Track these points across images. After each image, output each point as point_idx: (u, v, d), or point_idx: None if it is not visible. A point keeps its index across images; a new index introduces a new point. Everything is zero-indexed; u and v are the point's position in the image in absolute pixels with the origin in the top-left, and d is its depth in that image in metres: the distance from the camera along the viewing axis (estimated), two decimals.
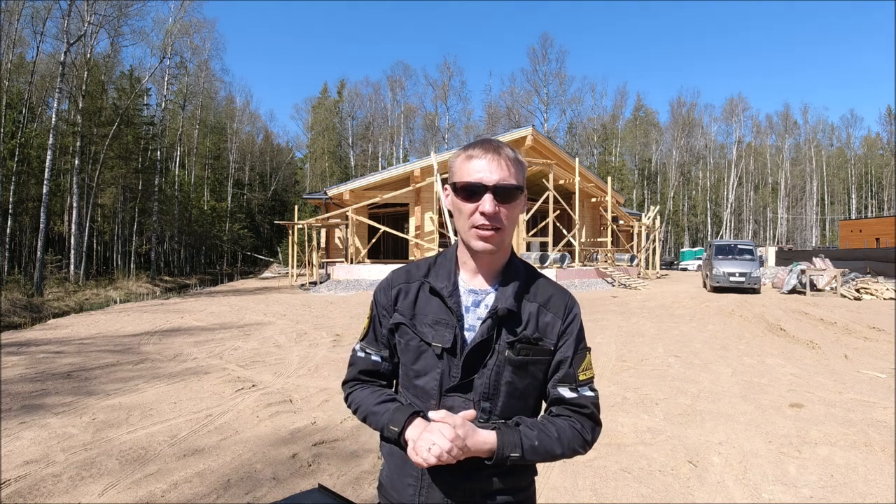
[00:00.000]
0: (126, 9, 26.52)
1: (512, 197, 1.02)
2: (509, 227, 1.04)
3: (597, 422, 1.08)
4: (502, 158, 1.02)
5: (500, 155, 1.02)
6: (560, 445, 1.02)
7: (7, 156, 23.87)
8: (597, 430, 1.08)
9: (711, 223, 61.18)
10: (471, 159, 1.03)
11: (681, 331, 9.26)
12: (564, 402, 1.06)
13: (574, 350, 1.08)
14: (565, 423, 1.04)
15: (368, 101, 63.59)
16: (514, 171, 1.03)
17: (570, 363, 1.07)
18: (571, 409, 1.06)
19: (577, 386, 1.07)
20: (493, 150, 1.03)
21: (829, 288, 17.43)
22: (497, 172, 1.01)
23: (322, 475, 3.24)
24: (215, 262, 48.65)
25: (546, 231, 21.15)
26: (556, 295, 1.11)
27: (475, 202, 1.01)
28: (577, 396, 1.06)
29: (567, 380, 1.07)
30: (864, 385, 5.48)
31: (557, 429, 1.03)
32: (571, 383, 1.06)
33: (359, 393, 1.14)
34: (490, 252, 1.04)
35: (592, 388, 1.09)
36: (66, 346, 7.98)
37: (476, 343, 1.03)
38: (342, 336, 8.79)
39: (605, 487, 3.10)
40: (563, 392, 1.06)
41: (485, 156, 1.02)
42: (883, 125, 65.15)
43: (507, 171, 1.02)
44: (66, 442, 3.83)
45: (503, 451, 0.97)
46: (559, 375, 1.07)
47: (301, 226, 24.07)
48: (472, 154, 1.03)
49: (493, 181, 1.00)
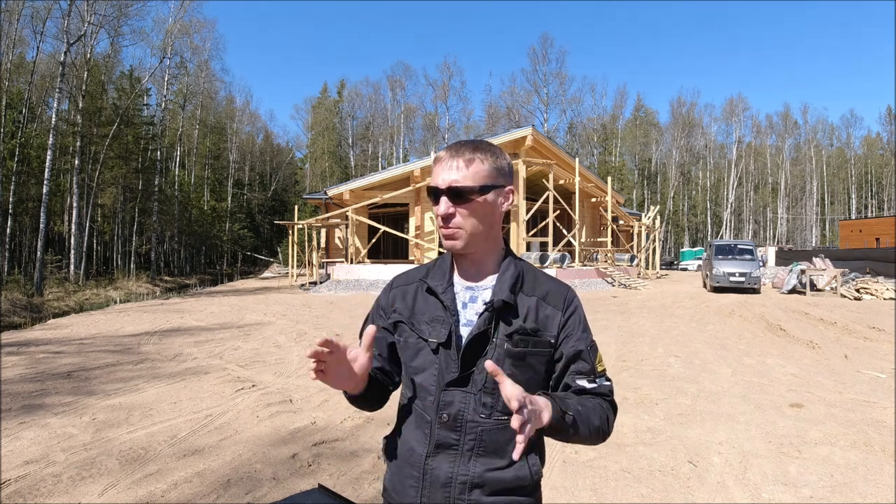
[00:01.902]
0: (126, 9, 26.56)
1: (465, 197, 1.02)
2: (476, 226, 1.05)
3: (616, 409, 1.11)
4: (457, 159, 1.03)
5: (456, 157, 1.03)
6: (597, 417, 1.02)
7: (7, 156, 23.87)
8: (614, 417, 1.10)
9: (711, 223, 61.19)
10: (437, 163, 1.06)
11: (681, 331, 9.26)
12: (586, 392, 1.07)
13: (587, 343, 1.09)
14: (594, 402, 1.06)
15: (368, 101, 63.71)
16: (469, 171, 1.02)
17: (587, 356, 1.08)
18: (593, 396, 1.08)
19: (596, 377, 1.09)
20: (453, 153, 1.04)
21: (829, 288, 17.43)
22: (451, 174, 1.02)
23: (322, 475, 3.24)
24: (215, 262, 48.66)
25: (546, 231, 21.15)
26: (555, 288, 1.11)
27: (437, 204, 1.04)
28: (597, 386, 1.08)
29: (583, 370, 1.08)
30: (864, 385, 5.48)
31: (592, 403, 1.04)
32: (590, 375, 1.08)
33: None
34: (457, 250, 1.06)
35: (608, 379, 1.12)
36: (66, 346, 7.98)
37: (474, 335, 1.03)
38: (342, 336, 8.79)
39: (605, 487, 3.10)
40: (582, 383, 1.07)
41: (442, 160, 1.05)
42: (883, 125, 65.31)
43: (461, 172, 1.02)
44: (66, 442, 3.83)
45: (560, 408, 0.95)
46: (577, 367, 1.08)
47: (301, 226, 24.08)
48: (438, 157, 1.06)
49: (445, 183, 1.02)
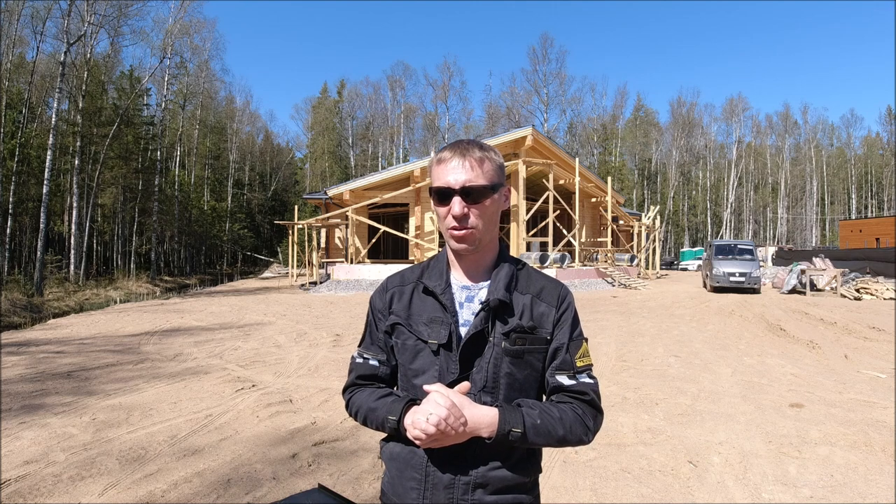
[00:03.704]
0: (126, 9, 26.51)
1: (480, 197, 1.03)
2: (485, 226, 1.05)
3: (598, 409, 1.07)
4: (468, 159, 1.03)
5: (466, 156, 1.03)
6: (563, 427, 1.00)
7: (7, 156, 23.85)
8: (599, 418, 1.07)
9: (711, 223, 61.18)
10: (441, 163, 1.05)
11: (681, 331, 9.26)
12: (564, 389, 1.06)
13: (569, 337, 1.08)
14: (566, 407, 1.04)
15: (368, 101, 63.73)
16: (481, 170, 1.03)
17: (567, 349, 1.07)
18: (571, 396, 1.06)
19: (576, 373, 1.06)
20: (460, 152, 1.04)
21: (829, 288, 17.43)
22: (463, 174, 1.02)
23: (322, 475, 3.24)
24: (215, 262, 48.65)
25: (546, 231, 21.16)
26: (549, 286, 1.11)
27: (447, 205, 1.03)
28: (576, 384, 1.06)
29: (564, 367, 1.06)
30: (864, 385, 5.48)
31: (559, 411, 1.02)
32: (569, 370, 1.06)
33: (357, 396, 1.14)
34: (467, 251, 1.06)
35: (591, 376, 1.08)
36: (66, 346, 7.98)
37: (471, 335, 1.03)
38: (342, 336, 8.79)
39: (605, 487, 3.10)
40: (562, 379, 1.06)
41: (452, 158, 1.04)
42: (883, 125, 65.30)
43: (473, 172, 1.02)
44: (66, 442, 3.83)
45: (504, 427, 0.96)
46: (556, 363, 1.07)
47: (301, 226, 24.09)
48: (441, 157, 1.05)
49: (459, 183, 1.01)
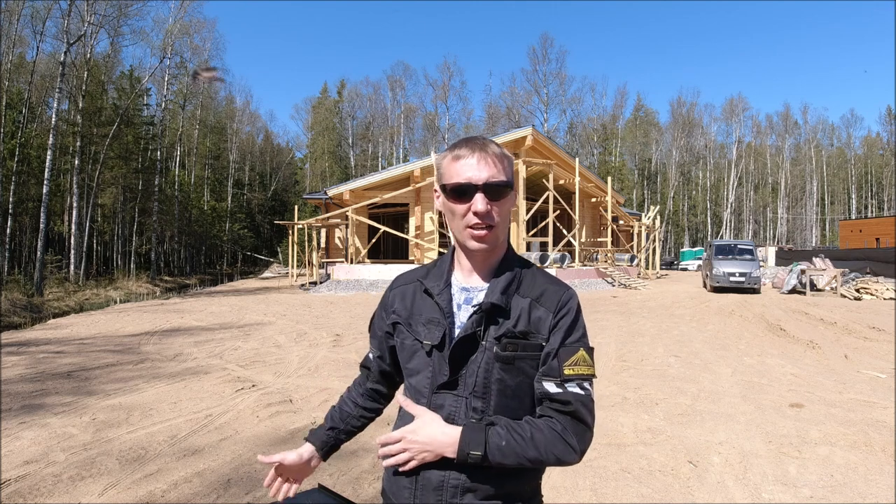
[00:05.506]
0: (126, 9, 26.52)
1: (502, 193, 1.02)
2: (502, 224, 1.04)
3: (585, 423, 0.98)
4: (489, 156, 1.01)
5: (486, 152, 1.02)
6: (534, 448, 0.94)
7: (7, 156, 23.86)
8: (586, 434, 0.98)
9: (711, 223, 61.18)
10: (458, 159, 1.02)
11: (681, 331, 9.26)
12: (549, 397, 0.99)
13: (560, 342, 1.01)
14: (543, 424, 0.97)
15: (368, 101, 63.77)
16: (501, 167, 1.02)
17: (556, 355, 1.00)
18: (554, 407, 0.98)
19: (563, 381, 0.98)
20: (480, 149, 1.02)
21: (829, 288, 17.43)
22: (485, 170, 1.00)
23: (322, 475, 3.23)
24: (215, 262, 48.66)
25: (546, 231, 21.15)
26: (551, 289, 1.06)
27: (466, 202, 1.00)
28: (561, 392, 0.98)
29: (551, 373, 0.99)
30: (864, 385, 5.48)
31: (533, 429, 0.96)
32: (556, 377, 0.99)
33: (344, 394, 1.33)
34: (486, 250, 1.04)
35: (582, 386, 0.99)
36: (66, 346, 7.98)
37: (461, 338, 1.01)
38: (342, 336, 8.78)
39: (605, 487, 3.10)
40: (548, 386, 0.99)
41: (472, 155, 1.01)
42: (883, 125, 65.36)
43: (495, 168, 1.01)
44: (66, 442, 3.83)
45: (464, 449, 0.94)
46: (544, 368, 1.01)
47: (301, 226, 24.09)
48: (458, 154, 1.03)
49: (482, 179, 0.99)
